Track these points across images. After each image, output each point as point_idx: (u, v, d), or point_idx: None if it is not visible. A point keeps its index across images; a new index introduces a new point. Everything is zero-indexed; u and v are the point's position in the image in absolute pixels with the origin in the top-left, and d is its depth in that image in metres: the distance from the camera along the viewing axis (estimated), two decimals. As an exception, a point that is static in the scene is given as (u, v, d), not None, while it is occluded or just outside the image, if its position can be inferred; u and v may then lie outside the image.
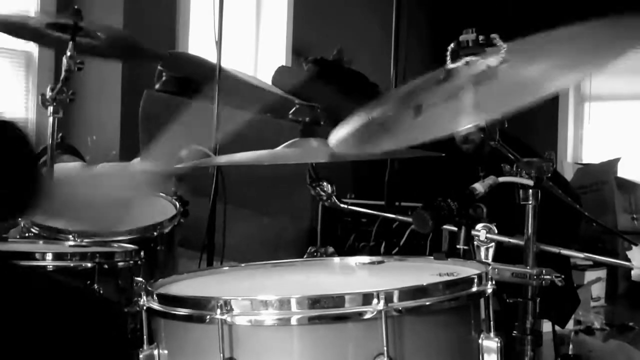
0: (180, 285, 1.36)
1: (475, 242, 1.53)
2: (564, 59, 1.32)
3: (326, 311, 1.10)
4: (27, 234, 2.18)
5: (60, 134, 3.84)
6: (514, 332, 1.55)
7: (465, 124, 1.46)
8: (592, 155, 6.94)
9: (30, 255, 1.79)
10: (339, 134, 1.51)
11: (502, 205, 1.50)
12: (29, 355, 1.39)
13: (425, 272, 1.34)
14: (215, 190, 2.75)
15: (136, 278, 1.25)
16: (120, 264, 1.89)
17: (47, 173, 1.34)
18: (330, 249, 2.00)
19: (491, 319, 1.21)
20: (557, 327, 2.83)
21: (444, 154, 1.67)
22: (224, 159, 2.16)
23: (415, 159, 1.95)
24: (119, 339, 1.58)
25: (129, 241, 2.09)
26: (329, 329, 1.12)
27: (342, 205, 1.97)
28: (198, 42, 4.92)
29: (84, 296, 1.65)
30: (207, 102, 2.84)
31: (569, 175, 5.76)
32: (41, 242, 2.11)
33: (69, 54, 2.51)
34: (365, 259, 1.51)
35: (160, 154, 1.53)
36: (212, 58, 3.27)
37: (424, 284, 1.16)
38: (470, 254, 1.46)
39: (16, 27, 2.58)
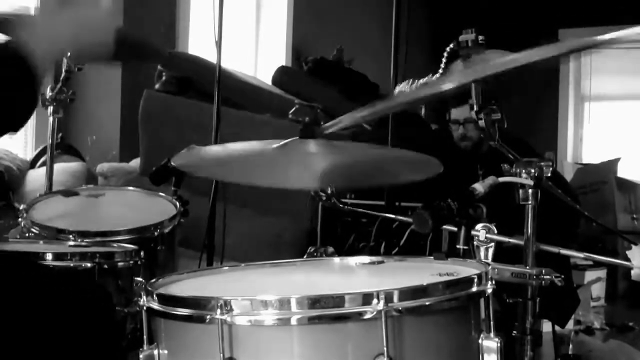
0: (180, 285, 1.36)
1: (475, 242, 1.53)
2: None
3: (326, 311, 1.10)
4: (27, 234, 2.18)
5: (60, 134, 3.85)
6: (514, 332, 1.55)
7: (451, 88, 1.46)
8: (592, 155, 6.94)
9: (30, 255, 1.79)
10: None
11: (502, 205, 1.50)
12: (27, 355, 1.39)
13: (425, 272, 1.34)
14: (215, 190, 2.75)
15: (136, 278, 1.25)
16: (120, 264, 1.89)
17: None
18: (330, 249, 2.00)
19: (491, 319, 1.21)
20: (557, 327, 2.84)
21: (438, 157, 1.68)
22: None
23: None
24: (116, 340, 1.58)
25: (129, 241, 2.09)
26: (329, 329, 1.12)
27: (341, 206, 1.97)
28: (198, 42, 4.92)
29: (82, 296, 1.65)
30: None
31: (569, 175, 5.76)
32: (41, 242, 2.10)
33: (69, 54, 2.51)
34: (365, 259, 1.51)
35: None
36: (212, 58, 3.27)
37: (424, 284, 1.15)
38: (470, 254, 1.46)
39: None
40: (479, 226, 1.53)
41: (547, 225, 1.62)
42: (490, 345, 1.20)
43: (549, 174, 1.54)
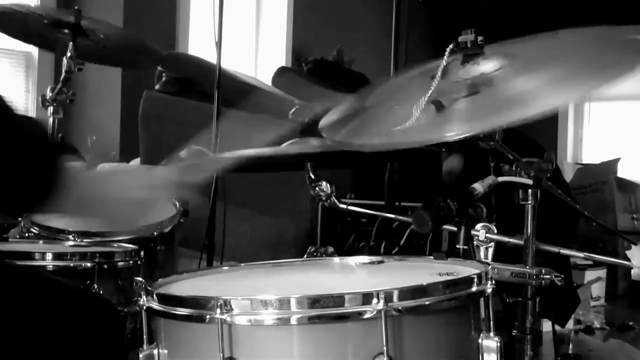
0: (180, 285, 1.36)
1: (474, 242, 1.53)
2: (563, 71, 1.31)
3: (326, 311, 1.10)
4: (27, 234, 2.19)
5: (60, 134, 3.85)
6: (514, 331, 1.55)
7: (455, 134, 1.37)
8: (592, 155, 6.94)
9: (30, 255, 1.79)
10: (330, 118, 1.52)
11: (502, 205, 1.50)
12: (25, 356, 1.39)
13: (425, 272, 1.35)
14: (215, 190, 2.75)
15: (136, 278, 1.25)
16: (120, 263, 1.89)
17: (67, 170, 1.28)
18: (330, 249, 2.00)
19: (491, 318, 1.21)
20: (557, 327, 2.84)
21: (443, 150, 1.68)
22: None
23: (415, 159, 1.95)
24: (116, 341, 1.58)
25: (129, 241, 2.09)
26: (329, 328, 1.12)
27: (341, 206, 1.97)
28: (198, 43, 4.92)
29: (81, 297, 1.65)
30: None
31: (569, 175, 5.76)
32: (41, 242, 2.11)
33: (69, 54, 2.52)
34: (365, 258, 1.51)
35: (186, 163, 1.51)
36: (212, 58, 3.27)
37: (424, 283, 1.15)
38: (469, 254, 1.46)
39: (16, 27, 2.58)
40: (478, 226, 1.53)
41: (546, 225, 1.62)
42: (490, 344, 1.20)
43: (549, 174, 1.54)
